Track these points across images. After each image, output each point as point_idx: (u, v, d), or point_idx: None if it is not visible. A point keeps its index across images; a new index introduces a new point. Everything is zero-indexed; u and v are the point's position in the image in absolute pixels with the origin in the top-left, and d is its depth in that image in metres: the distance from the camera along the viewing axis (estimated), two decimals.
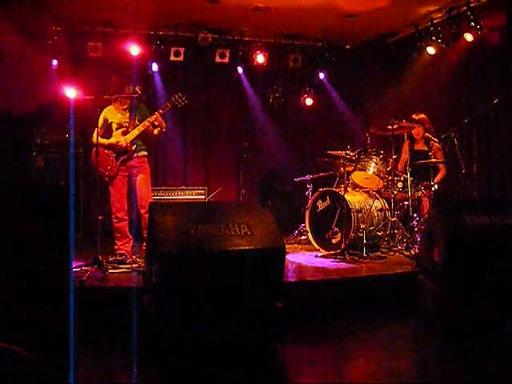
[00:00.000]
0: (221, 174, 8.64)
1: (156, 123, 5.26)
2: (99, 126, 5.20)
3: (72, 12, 6.69)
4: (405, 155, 6.40)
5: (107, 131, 5.38)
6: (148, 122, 5.22)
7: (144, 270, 4.00)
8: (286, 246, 4.29)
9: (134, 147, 5.27)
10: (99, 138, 5.12)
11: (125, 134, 5.28)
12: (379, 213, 6.09)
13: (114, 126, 5.32)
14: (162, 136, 5.76)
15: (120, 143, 5.24)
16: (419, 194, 6.07)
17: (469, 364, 3.36)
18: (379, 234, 5.98)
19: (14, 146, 6.99)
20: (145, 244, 4.52)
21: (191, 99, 8.50)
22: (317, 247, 6.11)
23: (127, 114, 5.35)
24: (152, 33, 7.73)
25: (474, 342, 3.67)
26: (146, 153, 5.46)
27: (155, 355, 3.35)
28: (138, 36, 7.50)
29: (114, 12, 6.82)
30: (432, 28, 7.15)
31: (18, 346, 2.06)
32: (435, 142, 6.25)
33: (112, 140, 5.28)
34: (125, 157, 5.26)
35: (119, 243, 5.36)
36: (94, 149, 5.13)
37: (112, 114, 5.35)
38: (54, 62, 7.34)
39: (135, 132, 5.24)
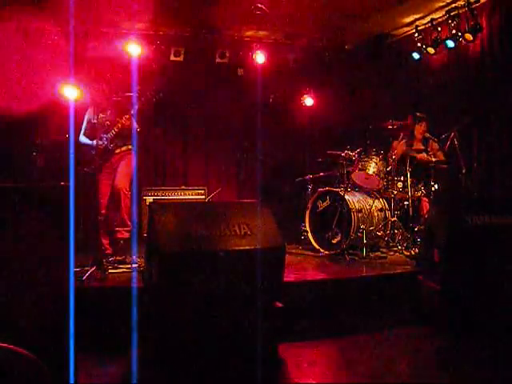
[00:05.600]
0: (221, 174, 8.64)
1: (126, 123, 5.36)
2: (83, 125, 5.50)
3: (72, 12, 6.67)
4: (399, 153, 6.32)
5: (92, 130, 5.49)
6: (120, 123, 5.35)
7: (144, 269, 4.00)
8: (286, 245, 4.29)
9: (112, 145, 5.41)
10: (83, 138, 5.48)
11: (106, 133, 5.43)
12: (379, 213, 6.09)
13: (98, 125, 5.39)
14: (162, 135, 5.77)
15: (98, 144, 5.32)
16: (419, 193, 6.07)
17: (469, 363, 3.36)
18: (379, 233, 5.98)
19: (14, 145, 6.98)
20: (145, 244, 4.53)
21: (191, 99, 8.57)
22: (317, 247, 6.11)
23: (108, 113, 5.48)
24: (152, 33, 7.73)
25: (474, 342, 3.67)
26: (129, 147, 5.54)
27: (155, 355, 3.35)
28: (137, 36, 7.50)
29: (114, 12, 6.82)
30: (432, 28, 7.16)
31: (18, 346, 2.05)
32: (434, 141, 6.25)
33: (94, 142, 5.38)
34: (106, 156, 5.39)
35: (105, 241, 5.44)
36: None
37: (96, 114, 5.42)
38: (54, 62, 7.34)
39: (112, 132, 5.40)
